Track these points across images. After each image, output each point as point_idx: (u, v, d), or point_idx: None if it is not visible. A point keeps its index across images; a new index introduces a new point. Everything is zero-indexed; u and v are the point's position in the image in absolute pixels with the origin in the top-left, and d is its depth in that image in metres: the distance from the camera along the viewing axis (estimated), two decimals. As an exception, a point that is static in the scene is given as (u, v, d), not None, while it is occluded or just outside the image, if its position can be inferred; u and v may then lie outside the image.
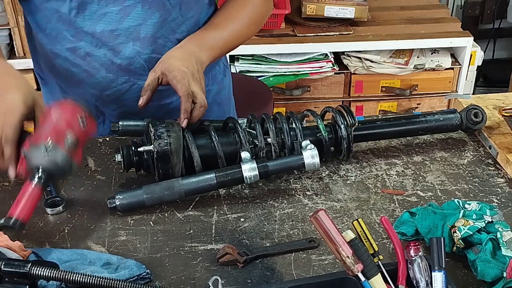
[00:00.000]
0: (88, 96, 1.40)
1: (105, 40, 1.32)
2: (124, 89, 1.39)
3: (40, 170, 1.01)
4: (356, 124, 1.30)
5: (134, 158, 1.24)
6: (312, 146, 1.22)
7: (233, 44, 1.43)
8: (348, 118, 1.30)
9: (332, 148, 1.33)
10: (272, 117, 1.30)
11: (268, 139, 1.26)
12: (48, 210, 1.19)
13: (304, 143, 1.24)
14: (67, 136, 1.04)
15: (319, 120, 1.30)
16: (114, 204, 1.19)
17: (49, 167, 1.02)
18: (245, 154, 1.22)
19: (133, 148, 1.24)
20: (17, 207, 0.93)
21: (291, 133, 1.28)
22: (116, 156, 1.24)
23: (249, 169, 1.19)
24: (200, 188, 1.21)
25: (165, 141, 1.19)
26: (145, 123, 1.31)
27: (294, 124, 1.28)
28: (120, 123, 1.31)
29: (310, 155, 1.21)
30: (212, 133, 1.24)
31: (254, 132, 1.27)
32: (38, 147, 1.02)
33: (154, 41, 1.34)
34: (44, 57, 1.43)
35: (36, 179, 1.00)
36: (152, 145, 1.20)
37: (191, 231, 1.16)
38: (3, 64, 1.23)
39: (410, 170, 1.33)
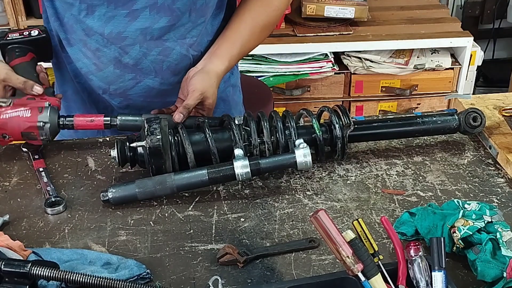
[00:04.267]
0: (95, 87, 1.44)
1: (113, 41, 1.34)
2: (130, 85, 1.42)
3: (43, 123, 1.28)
4: (351, 127, 1.29)
5: (129, 154, 1.25)
6: (305, 145, 1.22)
7: (248, 49, 1.48)
8: (344, 118, 1.30)
9: (329, 147, 1.33)
10: (268, 116, 1.30)
11: (263, 137, 1.27)
12: (48, 210, 1.20)
13: (297, 142, 1.24)
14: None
15: (314, 119, 1.29)
16: (107, 197, 1.20)
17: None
18: (238, 151, 1.22)
19: (127, 143, 1.25)
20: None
21: (286, 132, 1.28)
22: (111, 151, 1.25)
23: (241, 166, 1.20)
24: (192, 184, 1.21)
25: (157, 137, 1.20)
26: (143, 118, 1.33)
27: (289, 123, 1.29)
28: (118, 117, 1.33)
29: (302, 154, 1.21)
30: (207, 129, 1.25)
31: (249, 129, 1.27)
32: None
33: (162, 44, 1.36)
34: (59, 44, 1.44)
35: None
36: (145, 141, 1.20)
37: (191, 231, 1.16)
38: None
39: (410, 170, 1.33)
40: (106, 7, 1.30)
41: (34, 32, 1.39)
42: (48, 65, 1.49)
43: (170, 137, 1.23)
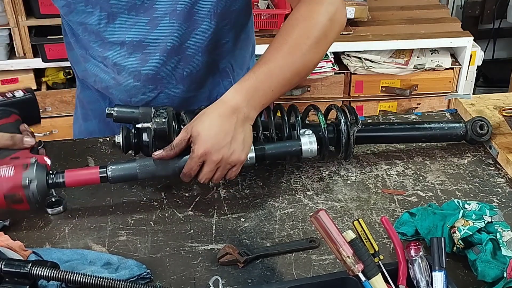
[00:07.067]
0: (116, 100, 1.42)
1: (133, 50, 1.32)
2: (152, 96, 1.39)
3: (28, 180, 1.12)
4: (359, 126, 1.28)
5: (133, 140, 1.21)
6: (310, 132, 1.21)
7: (290, 81, 1.20)
8: (351, 117, 1.30)
9: (334, 147, 1.32)
10: (273, 108, 1.29)
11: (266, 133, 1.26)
12: (49, 210, 1.20)
13: (302, 130, 1.23)
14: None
15: (319, 114, 1.29)
16: (105, 174, 1.16)
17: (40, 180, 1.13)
18: None
19: (132, 130, 1.22)
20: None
21: (290, 122, 1.26)
22: (116, 137, 1.22)
23: None
24: None
25: (164, 119, 1.18)
26: (140, 110, 1.31)
27: (294, 116, 1.28)
28: (115, 108, 1.28)
29: (308, 141, 1.20)
30: None
31: None
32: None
33: (182, 51, 1.33)
34: (77, 57, 1.43)
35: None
36: (151, 122, 1.19)
37: (192, 231, 1.16)
38: None
39: (410, 170, 1.33)
40: (127, 15, 1.27)
41: (18, 93, 1.27)
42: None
43: (174, 124, 1.21)
